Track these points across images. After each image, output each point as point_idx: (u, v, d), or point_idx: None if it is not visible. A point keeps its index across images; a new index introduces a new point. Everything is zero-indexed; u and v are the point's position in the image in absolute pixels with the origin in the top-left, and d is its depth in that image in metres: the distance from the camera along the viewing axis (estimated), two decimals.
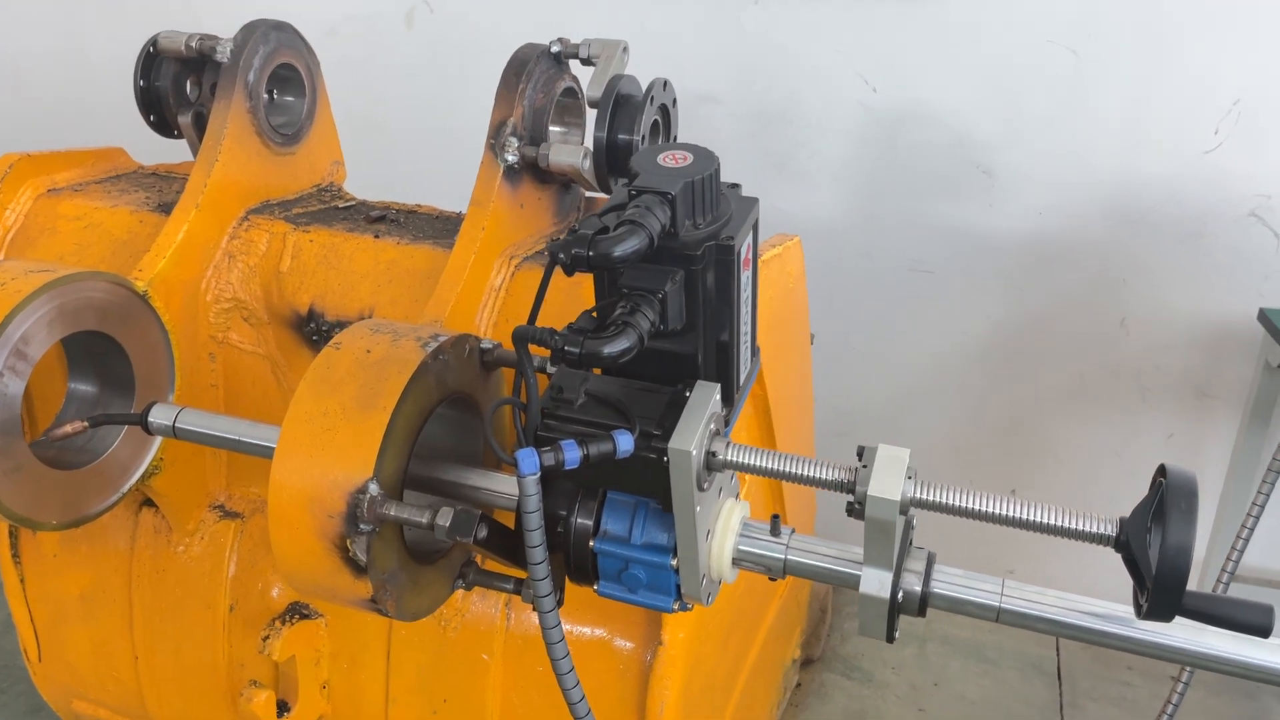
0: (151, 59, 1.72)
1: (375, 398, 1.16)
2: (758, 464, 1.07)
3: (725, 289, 1.07)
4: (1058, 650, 2.70)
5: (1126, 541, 0.96)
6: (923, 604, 1.10)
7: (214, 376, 1.68)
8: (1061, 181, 2.56)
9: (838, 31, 2.56)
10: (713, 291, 1.07)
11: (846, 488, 1.03)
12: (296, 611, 1.67)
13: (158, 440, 1.56)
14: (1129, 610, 1.06)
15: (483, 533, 1.13)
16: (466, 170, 1.91)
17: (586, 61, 1.58)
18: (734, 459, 1.07)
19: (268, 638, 1.63)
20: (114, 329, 1.48)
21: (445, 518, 1.13)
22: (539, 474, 0.99)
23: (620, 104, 1.52)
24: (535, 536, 1.05)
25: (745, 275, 1.10)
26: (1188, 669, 2.01)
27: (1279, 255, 2.45)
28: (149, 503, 1.74)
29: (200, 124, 1.74)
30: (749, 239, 1.10)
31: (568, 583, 1.21)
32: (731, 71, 2.65)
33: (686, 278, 1.05)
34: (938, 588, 1.10)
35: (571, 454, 0.99)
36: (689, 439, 1.02)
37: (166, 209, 1.75)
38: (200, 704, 1.77)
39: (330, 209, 1.79)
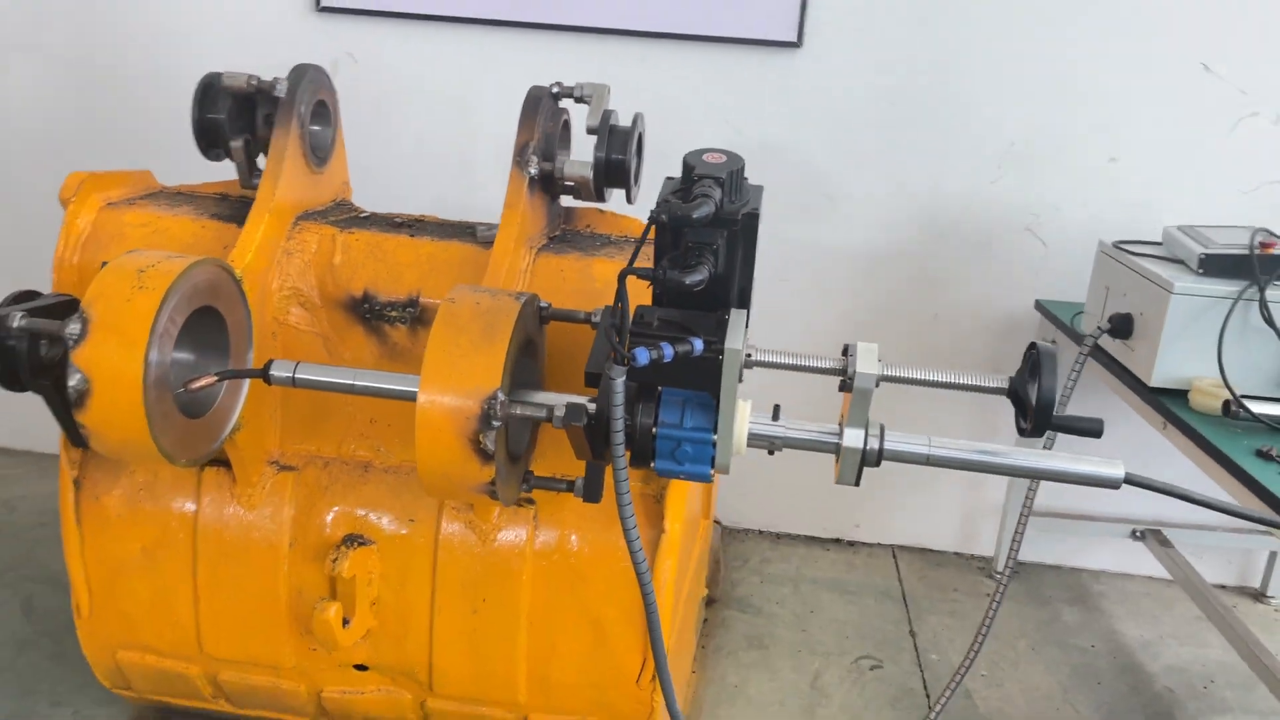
0: (207, 94, 2.08)
1: (495, 331, 1.61)
2: (776, 360, 1.59)
3: (750, 246, 1.59)
4: (900, 581, 3.35)
5: (1014, 389, 1.54)
6: (879, 456, 1.64)
7: (274, 353, 2.03)
8: (887, 206, 3.24)
9: (711, 84, 3.16)
10: (743, 249, 1.58)
11: (842, 371, 1.56)
12: (354, 540, 2.04)
13: (243, 398, 1.90)
14: (999, 445, 1.63)
15: (584, 421, 1.59)
16: (392, 207, 2.34)
17: (579, 100, 2.08)
18: (760, 359, 1.59)
19: (335, 559, 2.00)
20: (220, 306, 1.83)
21: (560, 409, 1.58)
22: (649, 364, 1.46)
23: (612, 132, 2.03)
24: (618, 426, 1.52)
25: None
26: (1001, 587, 2.64)
27: (1046, 259, 3.22)
28: (212, 463, 2.06)
29: (249, 148, 2.11)
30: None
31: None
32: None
33: (728, 238, 1.56)
34: (889, 445, 1.64)
35: (668, 351, 1.48)
36: (738, 342, 1.52)
37: (220, 217, 2.11)
38: (259, 631, 2.09)
39: (356, 217, 2.19)
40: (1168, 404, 2.38)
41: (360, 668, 2.12)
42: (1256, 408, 2.25)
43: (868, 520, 3.58)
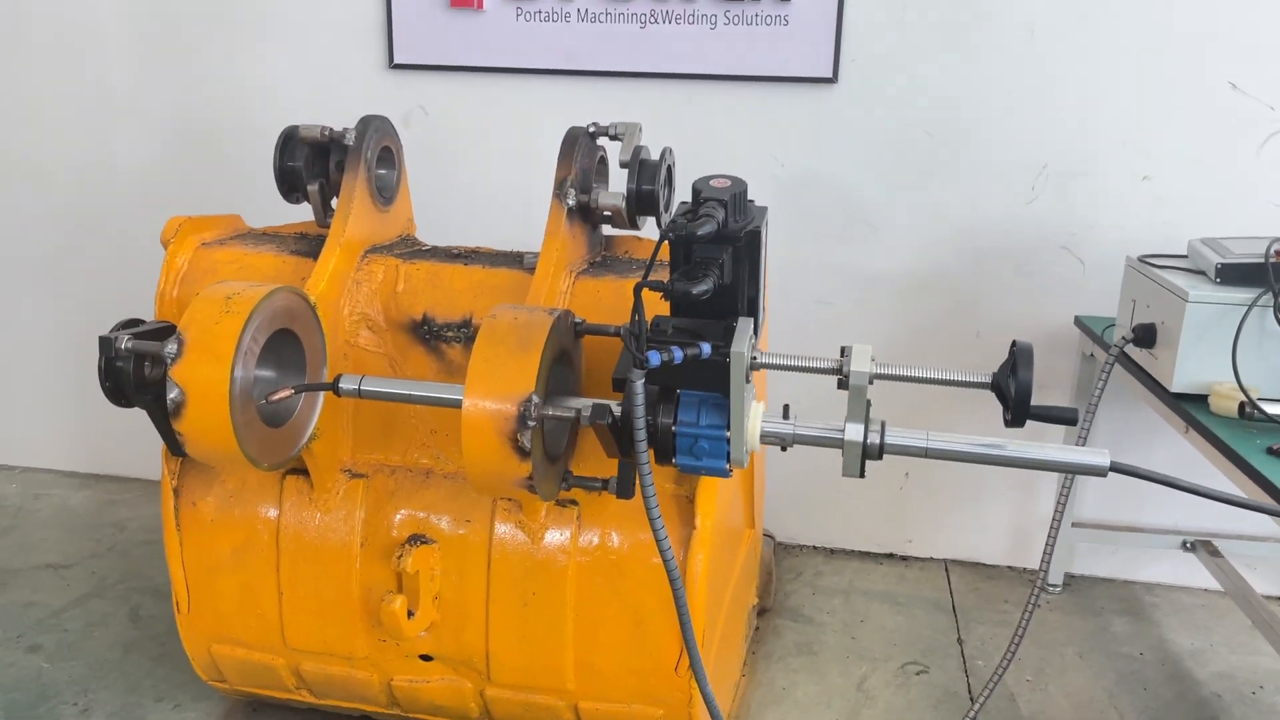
0: (287, 144, 2.35)
1: (530, 342, 1.82)
2: (779, 363, 1.76)
3: (754, 260, 1.77)
4: (951, 593, 3.44)
5: (997, 384, 1.68)
6: (880, 450, 1.79)
7: (347, 371, 2.27)
8: (926, 229, 3.38)
9: (753, 120, 3.36)
10: (747, 262, 1.77)
11: (838, 370, 1.73)
12: (417, 539, 2.25)
13: (318, 411, 2.14)
14: (996, 438, 1.77)
15: (609, 419, 1.78)
16: (460, 242, 2.54)
17: (614, 137, 2.29)
18: (764, 360, 1.76)
19: (401, 556, 2.21)
20: (297, 329, 2.07)
21: (587, 409, 1.78)
22: (660, 366, 1.65)
23: (643, 165, 2.24)
24: (640, 424, 1.71)
25: (764, 253, 1.81)
26: (1036, 587, 2.74)
27: (1084, 276, 3.32)
28: (292, 472, 2.31)
29: (324, 191, 2.37)
30: (765, 231, 1.81)
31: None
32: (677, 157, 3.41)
33: (733, 253, 1.75)
34: (889, 439, 1.79)
35: (678, 354, 1.66)
36: (743, 347, 1.70)
37: (299, 253, 2.37)
38: (335, 624, 2.31)
39: (418, 250, 2.43)
40: (1189, 408, 2.47)
41: (425, 658, 2.33)
42: (1272, 409, 2.33)
43: (920, 535, 3.69)
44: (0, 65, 3.77)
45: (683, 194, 2.46)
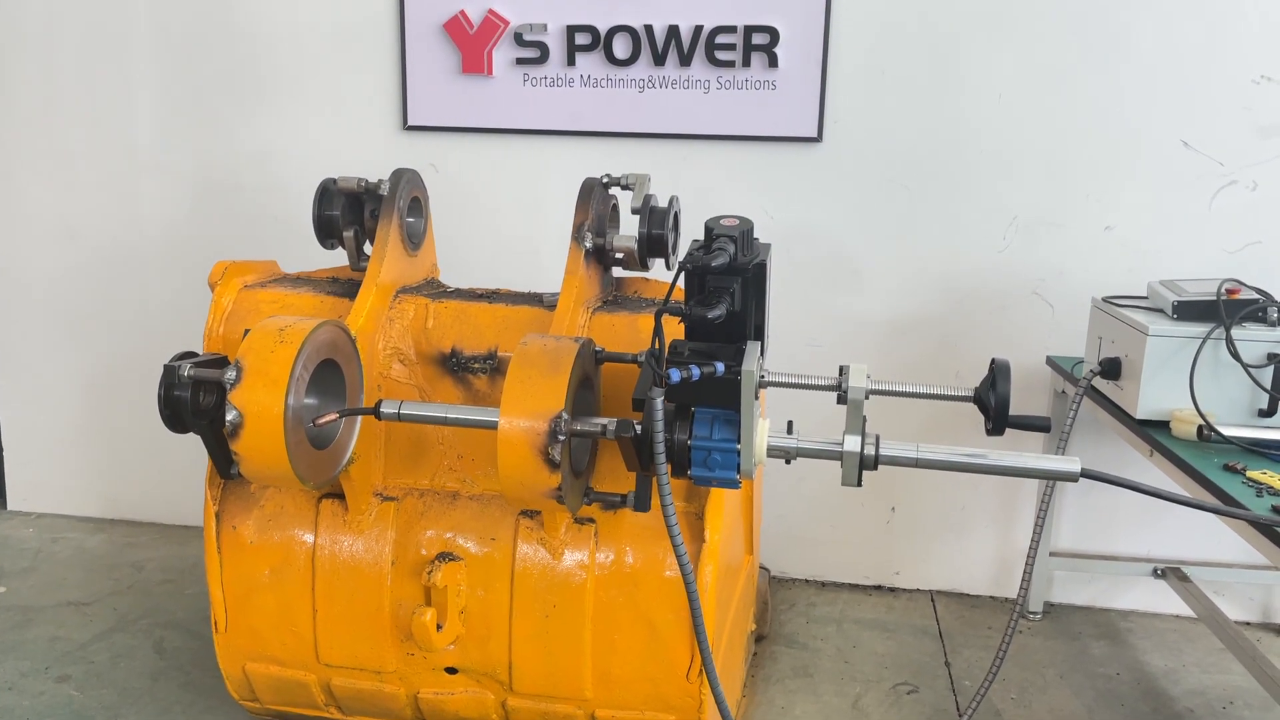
0: (325, 195, 2.56)
1: (558, 366, 2.02)
2: (785, 380, 1.97)
3: (760, 291, 1.98)
4: (937, 620, 3.62)
5: (979, 396, 1.90)
6: (875, 460, 1.99)
7: None
8: (907, 276, 3.63)
9: (744, 176, 3.61)
10: (754, 292, 1.98)
11: (837, 387, 1.93)
12: (445, 557, 2.42)
13: (356, 435, 2.32)
14: (979, 449, 1.98)
15: (631, 433, 1.97)
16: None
17: (625, 187, 2.52)
18: (771, 379, 1.97)
19: (431, 572, 2.38)
20: (339, 359, 2.26)
21: (613, 424, 1.98)
22: (679, 383, 1.85)
23: (652, 211, 2.46)
24: (659, 438, 1.90)
25: (768, 285, 2.02)
26: (1019, 619, 2.94)
27: (1054, 319, 3.57)
28: (327, 496, 2.48)
29: (358, 237, 2.58)
30: (769, 265, 2.03)
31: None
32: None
33: (742, 284, 1.96)
34: (883, 451, 1.99)
35: (695, 371, 1.86)
36: (752, 365, 1.91)
37: (334, 294, 2.57)
38: (366, 640, 2.46)
39: (444, 290, 2.63)
40: (1152, 433, 2.69)
41: (451, 670, 2.48)
42: (1226, 431, 2.55)
43: (907, 568, 3.87)
44: (33, 126, 3.98)
45: (685, 241, 2.70)
